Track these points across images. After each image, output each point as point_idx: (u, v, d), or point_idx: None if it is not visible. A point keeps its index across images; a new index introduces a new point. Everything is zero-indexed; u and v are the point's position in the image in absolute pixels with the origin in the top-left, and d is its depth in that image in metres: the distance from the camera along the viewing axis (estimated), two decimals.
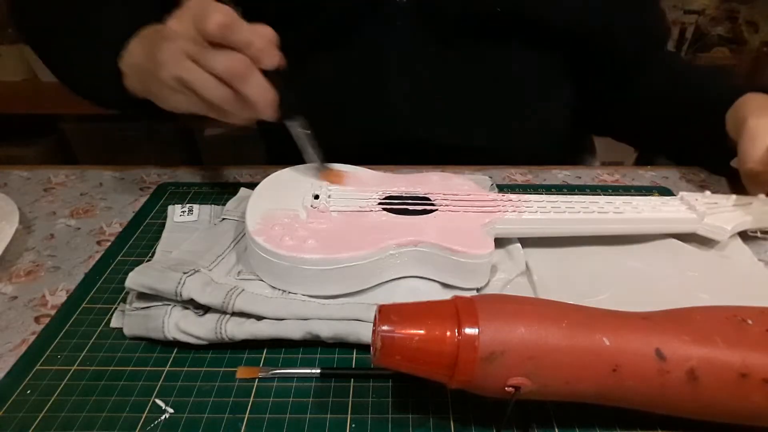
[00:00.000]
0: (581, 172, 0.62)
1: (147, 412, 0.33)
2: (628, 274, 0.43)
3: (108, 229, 0.50)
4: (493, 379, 0.29)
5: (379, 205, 0.43)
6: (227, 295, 0.36)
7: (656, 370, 0.29)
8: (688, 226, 0.46)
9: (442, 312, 0.30)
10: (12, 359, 0.36)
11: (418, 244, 0.39)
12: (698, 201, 0.47)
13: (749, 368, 0.28)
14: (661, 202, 0.47)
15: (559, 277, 0.42)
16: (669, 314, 0.32)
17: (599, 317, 0.31)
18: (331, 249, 0.38)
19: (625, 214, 0.45)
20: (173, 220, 0.48)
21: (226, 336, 0.36)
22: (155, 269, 0.37)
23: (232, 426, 0.32)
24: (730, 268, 0.45)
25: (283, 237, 0.38)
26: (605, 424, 0.32)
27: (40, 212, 0.52)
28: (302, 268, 0.37)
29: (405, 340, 0.29)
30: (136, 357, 0.36)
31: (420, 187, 0.46)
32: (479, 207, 0.44)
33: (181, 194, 0.55)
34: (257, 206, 0.42)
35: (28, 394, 0.34)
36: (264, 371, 0.35)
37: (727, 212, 0.47)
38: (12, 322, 0.39)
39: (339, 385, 0.35)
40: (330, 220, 0.41)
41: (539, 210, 0.44)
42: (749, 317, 0.31)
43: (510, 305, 0.30)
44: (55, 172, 0.60)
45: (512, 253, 0.44)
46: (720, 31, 1.65)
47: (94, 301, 0.41)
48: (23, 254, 0.47)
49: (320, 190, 0.44)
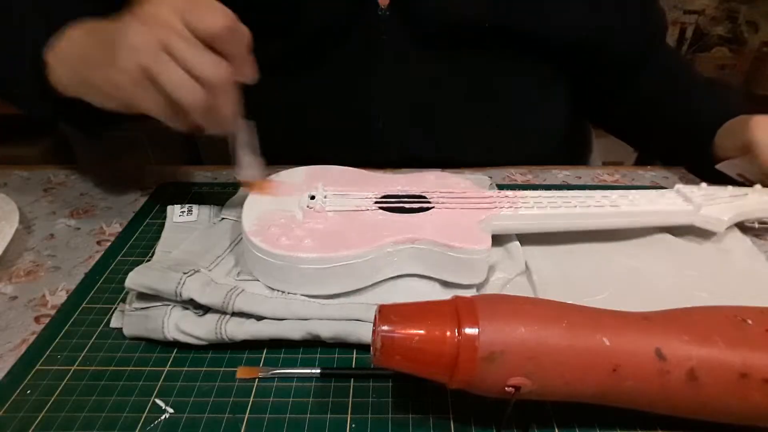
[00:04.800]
0: (581, 172, 0.62)
1: (147, 412, 0.33)
2: (627, 274, 0.43)
3: (108, 229, 0.50)
4: (493, 379, 0.29)
5: (376, 204, 0.43)
6: (227, 295, 0.36)
7: (656, 370, 0.29)
8: (685, 218, 0.46)
9: (442, 312, 0.30)
10: (12, 359, 0.36)
11: (415, 241, 0.39)
12: (694, 193, 0.48)
13: (749, 368, 0.28)
14: (657, 195, 0.47)
15: (558, 276, 0.42)
16: (669, 314, 0.32)
17: (599, 317, 0.31)
18: (327, 247, 0.38)
19: (622, 207, 0.45)
20: (173, 220, 0.48)
21: (226, 336, 0.36)
22: (155, 269, 0.37)
23: (232, 426, 0.32)
24: (730, 263, 0.45)
25: (279, 237, 0.38)
26: (605, 424, 0.32)
27: (40, 212, 0.53)
28: (299, 267, 0.37)
29: (405, 340, 0.29)
30: (136, 357, 0.36)
31: (416, 186, 0.46)
32: (475, 204, 0.44)
33: (181, 194, 0.55)
34: (253, 207, 0.42)
35: (28, 394, 0.34)
36: (264, 371, 0.35)
37: (724, 203, 0.47)
38: (12, 322, 0.39)
39: (339, 385, 0.35)
40: (326, 220, 0.41)
41: (535, 205, 0.44)
42: (749, 317, 0.31)
43: (510, 305, 0.30)
44: (55, 172, 0.60)
45: (511, 252, 0.44)
46: (720, 31, 1.65)
47: (94, 301, 0.41)
48: (23, 254, 0.47)
49: (316, 191, 0.44)
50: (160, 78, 0.35)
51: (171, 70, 0.35)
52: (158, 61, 0.35)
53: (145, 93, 0.37)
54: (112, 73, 0.37)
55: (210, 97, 0.36)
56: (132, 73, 0.36)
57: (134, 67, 0.36)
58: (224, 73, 0.36)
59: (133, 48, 0.36)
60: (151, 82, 0.36)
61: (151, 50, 0.35)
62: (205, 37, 0.36)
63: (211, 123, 0.38)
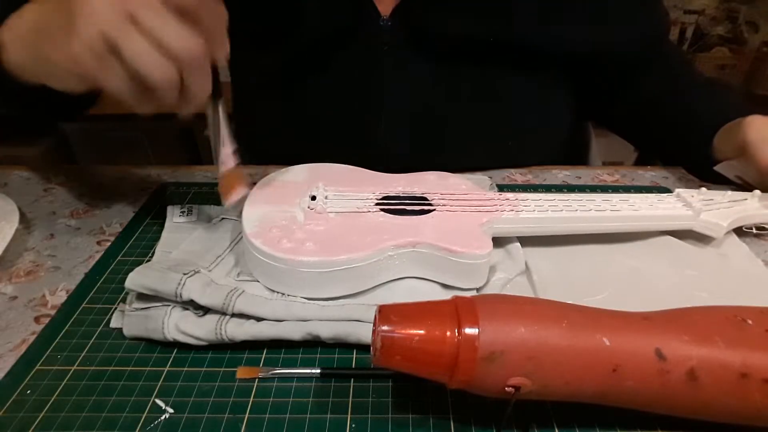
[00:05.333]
0: (581, 172, 0.62)
1: (147, 412, 0.33)
2: (627, 274, 0.43)
3: (108, 229, 0.50)
4: (493, 379, 0.29)
5: (377, 205, 0.43)
6: (227, 296, 0.36)
7: (656, 370, 0.29)
8: (684, 223, 0.46)
9: (442, 312, 0.30)
10: (12, 359, 0.36)
11: (416, 245, 0.39)
12: (694, 198, 0.48)
13: (749, 368, 0.28)
14: (657, 200, 0.47)
15: (558, 276, 0.42)
16: (669, 314, 0.32)
17: (599, 317, 0.31)
18: (328, 251, 0.38)
19: (622, 211, 0.45)
20: (172, 221, 0.48)
21: (226, 337, 0.36)
22: (155, 270, 0.37)
23: (232, 426, 0.32)
24: (729, 265, 0.45)
25: (280, 239, 0.38)
26: (605, 424, 0.32)
27: (40, 212, 0.52)
28: (300, 270, 0.37)
29: (405, 341, 0.29)
30: (136, 357, 0.36)
31: (417, 187, 0.46)
32: (477, 206, 0.44)
33: (181, 194, 0.55)
34: (254, 208, 0.42)
35: (28, 394, 0.34)
36: (264, 371, 0.35)
37: (723, 208, 0.47)
38: (12, 322, 0.39)
39: (339, 385, 0.35)
40: (327, 222, 0.41)
41: (537, 209, 0.44)
42: (749, 317, 0.31)
43: (510, 305, 0.30)
44: (55, 172, 0.60)
45: (512, 252, 0.44)
46: (720, 31, 1.65)
47: (94, 301, 0.41)
48: (23, 254, 0.47)
49: (317, 191, 0.44)
50: (123, 48, 0.32)
51: (136, 40, 0.32)
52: (122, 29, 0.32)
53: (107, 67, 0.32)
54: (70, 43, 0.32)
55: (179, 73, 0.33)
56: (92, 42, 0.32)
57: (95, 35, 0.32)
58: (196, 47, 0.33)
59: (93, 14, 0.32)
60: (113, 54, 0.32)
61: (114, 17, 0.32)
62: (177, 7, 0.33)
63: (177, 101, 0.35)
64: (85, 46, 0.32)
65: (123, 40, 0.32)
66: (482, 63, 0.57)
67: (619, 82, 0.66)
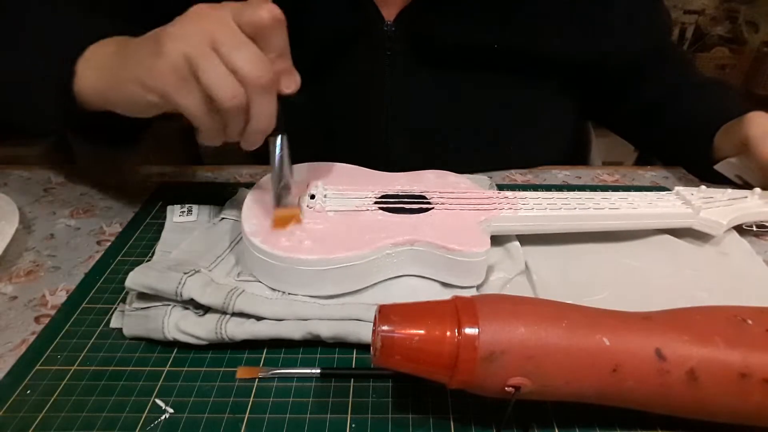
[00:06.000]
0: (581, 172, 0.62)
1: (147, 412, 0.33)
2: (627, 273, 0.43)
3: (108, 229, 0.50)
4: (493, 379, 0.29)
5: (376, 204, 0.43)
6: (228, 295, 0.36)
7: (656, 370, 0.29)
8: (684, 220, 0.46)
9: (442, 312, 0.30)
10: (12, 359, 0.36)
11: (414, 243, 0.39)
12: (694, 195, 0.48)
13: (749, 368, 0.28)
14: (656, 197, 0.47)
15: (558, 276, 0.42)
16: (669, 314, 0.32)
17: (599, 317, 0.31)
18: (327, 249, 0.38)
19: (621, 209, 0.45)
20: (173, 220, 0.48)
21: (226, 336, 0.36)
22: (155, 269, 0.37)
23: (232, 426, 0.32)
24: (729, 264, 0.45)
25: (279, 238, 0.38)
26: (605, 424, 0.32)
27: (40, 212, 0.52)
28: (299, 268, 0.37)
29: (405, 340, 0.29)
30: (136, 357, 0.36)
31: (416, 186, 0.46)
32: (475, 204, 0.44)
33: (181, 194, 0.55)
34: (253, 207, 0.42)
35: (28, 394, 0.34)
36: (264, 371, 0.35)
37: (723, 206, 0.47)
38: (12, 322, 0.39)
39: (339, 385, 0.35)
40: (326, 220, 0.41)
41: (535, 207, 0.44)
42: (749, 317, 0.31)
43: (510, 305, 0.30)
44: (55, 172, 0.60)
45: (511, 252, 0.44)
46: (720, 31, 1.65)
47: (94, 301, 0.41)
48: (23, 254, 0.47)
49: (316, 190, 0.44)
50: (201, 71, 0.34)
51: (215, 66, 0.34)
52: (204, 55, 0.34)
53: (186, 87, 0.35)
54: (156, 62, 0.35)
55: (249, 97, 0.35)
56: (177, 63, 0.34)
57: (180, 56, 0.34)
58: (265, 71, 0.35)
59: (182, 38, 0.35)
60: (193, 76, 0.35)
61: (198, 42, 0.34)
62: (258, 27, 0.35)
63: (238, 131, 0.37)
64: (170, 66, 0.35)
65: (203, 64, 0.34)
66: (485, 69, 0.57)
67: (620, 85, 0.66)
